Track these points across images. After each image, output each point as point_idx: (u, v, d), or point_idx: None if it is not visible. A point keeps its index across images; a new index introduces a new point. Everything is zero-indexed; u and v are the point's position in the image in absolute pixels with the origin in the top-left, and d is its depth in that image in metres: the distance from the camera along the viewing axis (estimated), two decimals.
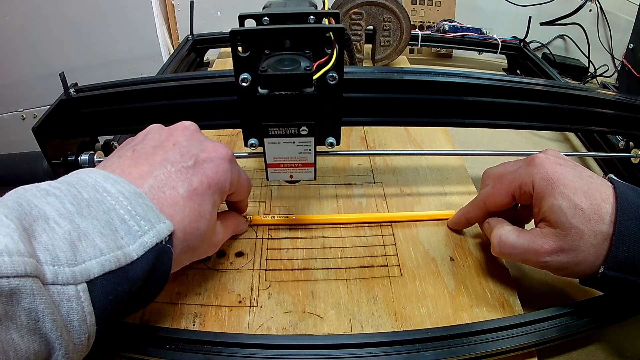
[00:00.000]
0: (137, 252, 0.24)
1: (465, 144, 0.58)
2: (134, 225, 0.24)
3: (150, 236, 0.24)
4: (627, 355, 0.34)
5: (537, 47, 0.86)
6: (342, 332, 0.32)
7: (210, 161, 0.29)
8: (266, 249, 0.38)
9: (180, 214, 0.27)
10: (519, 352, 0.31)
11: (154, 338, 0.29)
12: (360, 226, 0.41)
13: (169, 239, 0.26)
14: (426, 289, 0.36)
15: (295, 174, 0.32)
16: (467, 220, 0.39)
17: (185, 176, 0.28)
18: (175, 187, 0.27)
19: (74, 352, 0.21)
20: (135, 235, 0.24)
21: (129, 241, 0.24)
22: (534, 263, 0.31)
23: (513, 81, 0.41)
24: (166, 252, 0.25)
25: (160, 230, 0.25)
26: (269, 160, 0.31)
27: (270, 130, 0.28)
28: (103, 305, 0.22)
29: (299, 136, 0.29)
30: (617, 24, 0.82)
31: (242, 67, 0.28)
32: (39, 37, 0.83)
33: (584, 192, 0.30)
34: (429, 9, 0.84)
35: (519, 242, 0.32)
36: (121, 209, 0.24)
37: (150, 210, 0.25)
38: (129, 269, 0.23)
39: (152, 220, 0.25)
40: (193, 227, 0.28)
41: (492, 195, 0.35)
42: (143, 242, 0.24)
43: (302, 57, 0.27)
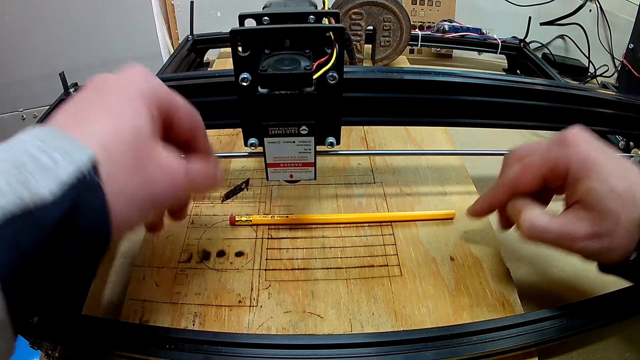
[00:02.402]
0: (52, 191, 0.19)
1: (465, 144, 0.58)
2: (47, 160, 0.19)
3: (66, 167, 0.19)
4: (627, 355, 0.34)
5: (537, 47, 0.86)
6: (342, 331, 0.32)
7: (120, 75, 0.25)
8: (266, 248, 0.38)
9: (98, 131, 0.22)
10: (519, 352, 0.31)
11: (154, 338, 0.29)
12: (360, 226, 0.41)
13: (94, 170, 0.20)
14: (426, 288, 0.36)
15: (295, 173, 0.32)
16: (491, 207, 0.36)
17: (95, 95, 0.23)
18: (87, 108, 0.23)
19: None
20: (49, 171, 0.19)
21: (41, 179, 0.19)
22: (567, 248, 0.30)
23: (513, 81, 0.41)
24: (93, 188, 0.20)
25: (79, 159, 0.20)
26: (269, 160, 0.31)
27: (270, 130, 0.28)
28: (6, 263, 0.17)
29: (299, 136, 0.29)
30: (617, 24, 0.82)
31: (242, 66, 0.28)
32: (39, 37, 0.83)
33: (619, 175, 0.29)
34: (429, 9, 0.84)
35: (552, 227, 0.30)
36: (32, 147, 0.19)
37: (64, 138, 0.20)
38: (40, 213, 0.18)
39: (67, 148, 0.20)
40: (119, 141, 0.22)
41: (522, 178, 0.33)
42: (58, 177, 0.19)
43: (302, 57, 0.27)
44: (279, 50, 0.28)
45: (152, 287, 0.35)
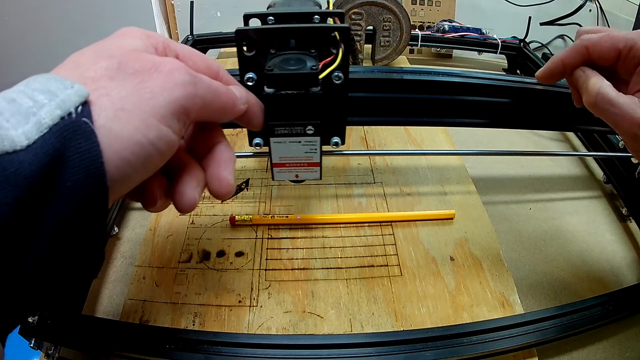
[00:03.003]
0: (28, 135, 0.15)
1: (465, 144, 0.58)
2: (26, 101, 0.16)
3: (49, 109, 0.16)
4: (627, 355, 0.34)
5: (537, 47, 0.86)
6: (342, 331, 0.32)
7: (158, 64, 0.20)
8: (266, 248, 0.38)
9: (98, 68, 0.18)
10: (519, 352, 0.31)
11: (154, 338, 0.29)
12: (360, 226, 0.41)
13: (84, 108, 0.16)
14: (426, 288, 0.36)
15: (300, 173, 0.32)
16: (563, 65, 0.34)
17: (116, 72, 0.19)
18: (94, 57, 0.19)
19: None
20: (27, 113, 0.15)
21: (15, 122, 0.15)
22: (624, 130, 0.29)
23: (513, 81, 0.41)
24: (82, 130, 0.16)
25: (66, 98, 0.16)
26: (275, 160, 0.30)
27: (276, 130, 0.28)
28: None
29: (305, 135, 0.29)
30: (617, 24, 0.82)
31: (248, 66, 0.28)
32: (39, 37, 0.83)
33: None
34: (429, 9, 0.84)
35: (619, 102, 0.29)
36: (12, 92, 0.16)
37: (51, 80, 0.17)
38: (11, 164, 0.14)
39: (53, 88, 0.16)
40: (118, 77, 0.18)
41: (599, 44, 0.32)
42: (38, 120, 0.15)
43: (307, 57, 0.27)
44: (285, 50, 0.28)
45: (152, 287, 0.35)
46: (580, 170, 0.56)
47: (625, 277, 0.41)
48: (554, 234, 0.45)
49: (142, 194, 0.21)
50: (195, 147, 0.23)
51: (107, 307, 0.35)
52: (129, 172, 0.18)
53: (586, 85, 0.31)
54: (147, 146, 0.18)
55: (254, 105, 0.25)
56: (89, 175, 0.16)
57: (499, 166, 0.53)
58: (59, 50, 0.83)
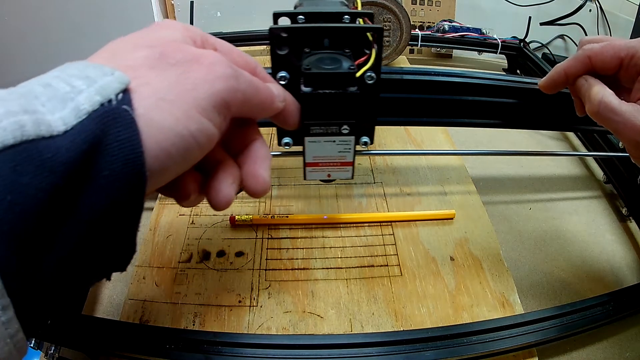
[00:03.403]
0: (66, 121, 0.14)
1: (465, 144, 0.58)
2: (62, 86, 0.15)
3: (88, 95, 0.15)
4: (627, 355, 0.34)
5: (537, 47, 0.86)
6: (342, 331, 0.32)
7: (200, 56, 0.20)
8: (266, 248, 0.38)
9: (137, 57, 0.18)
10: (519, 352, 0.31)
11: (154, 338, 0.29)
12: (360, 226, 0.41)
13: (125, 96, 0.16)
14: (426, 288, 0.36)
15: (333, 173, 0.32)
16: (566, 74, 0.34)
17: (155, 61, 0.18)
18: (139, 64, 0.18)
19: None
20: (64, 99, 0.15)
21: (52, 107, 0.14)
22: (627, 138, 0.29)
23: (513, 81, 0.41)
24: (122, 118, 0.15)
25: (106, 85, 0.16)
26: (308, 159, 0.30)
27: (312, 129, 0.28)
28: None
29: (340, 135, 0.28)
30: (617, 24, 0.82)
31: (280, 65, 0.28)
32: (39, 37, 0.83)
33: None
34: (429, 9, 0.84)
35: (622, 110, 0.29)
36: (47, 77, 0.16)
37: (89, 66, 0.16)
38: (48, 148, 0.14)
39: (92, 75, 0.16)
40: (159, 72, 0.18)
41: (601, 53, 0.32)
42: (77, 105, 0.15)
43: (342, 57, 0.27)
44: (318, 49, 0.28)
45: (152, 287, 0.35)
46: (580, 170, 0.56)
47: (625, 277, 0.41)
48: (554, 234, 0.45)
49: (175, 188, 0.21)
50: (230, 144, 0.23)
51: (107, 307, 0.35)
52: (168, 164, 0.17)
53: (589, 94, 0.31)
54: (188, 138, 0.17)
55: (291, 104, 0.24)
56: (127, 164, 0.15)
57: (499, 166, 0.53)
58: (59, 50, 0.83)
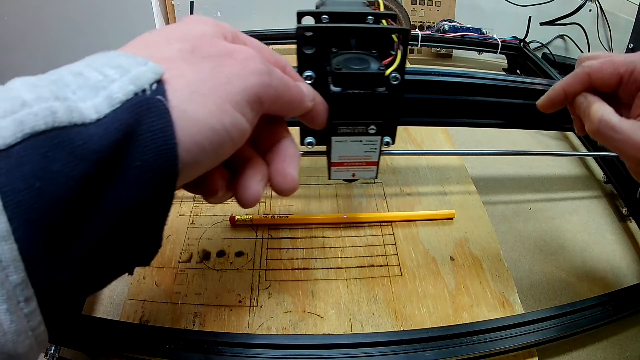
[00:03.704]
0: (98, 108, 0.14)
1: (465, 144, 0.58)
2: (94, 74, 0.15)
3: (121, 84, 0.15)
4: (627, 355, 0.34)
5: (537, 47, 0.86)
6: (342, 331, 0.32)
7: (234, 51, 0.20)
8: (266, 248, 0.38)
9: (172, 49, 0.18)
10: (519, 352, 0.31)
11: (154, 338, 0.29)
12: (360, 226, 0.41)
13: (159, 86, 0.16)
14: (426, 288, 0.36)
15: (357, 172, 0.32)
16: (565, 93, 0.33)
17: (188, 54, 0.18)
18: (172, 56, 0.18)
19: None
20: (96, 87, 0.15)
21: (83, 95, 0.14)
22: (629, 156, 0.28)
23: (513, 81, 0.41)
24: (156, 108, 0.15)
25: (140, 74, 0.15)
26: (334, 159, 0.30)
27: (340, 129, 0.28)
28: (26, 200, 0.12)
29: (367, 135, 0.29)
30: (617, 24, 0.82)
31: (307, 64, 0.28)
32: (39, 37, 0.82)
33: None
34: (429, 9, 0.84)
35: (623, 128, 0.28)
36: (77, 66, 0.16)
37: (121, 56, 0.16)
38: (79, 135, 0.13)
39: (124, 65, 0.16)
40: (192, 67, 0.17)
41: (601, 70, 0.31)
42: (109, 94, 0.14)
43: (370, 57, 0.27)
44: (345, 50, 0.28)
45: (152, 287, 0.35)
46: (580, 170, 0.56)
47: (625, 277, 0.41)
48: (554, 234, 0.45)
49: (203, 184, 0.21)
50: (259, 142, 0.22)
51: (107, 307, 0.35)
52: (200, 158, 0.17)
53: (588, 112, 0.30)
54: (221, 132, 0.17)
55: (319, 103, 0.24)
56: (160, 155, 0.15)
57: (499, 166, 0.53)
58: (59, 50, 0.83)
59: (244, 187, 0.21)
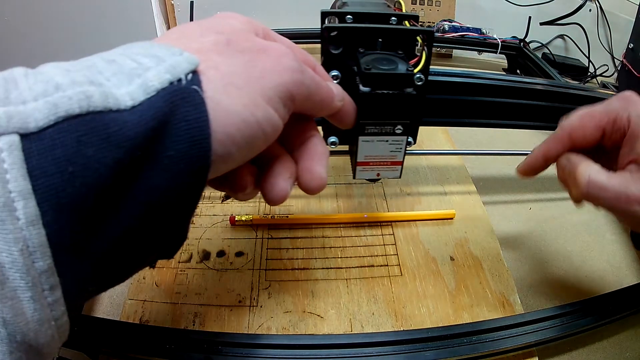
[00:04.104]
0: (133, 96, 0.14)
1: (465, 144, 0.58)
2: (129, 62, 0.15)
3: (157, 73, 0.15)
4: (627, 355, 0.34)
5: (537, 47, 0.86)
6: (342, 331, 0.32)
7: (268, 48, 0.20)
8: (266, 248, 0.38)
9: (206, 42, 0.18)
10: (519, 352, 0.31)
11: (154, 338, 0.29)
12: (360, 226, 0.41)
13: (194, 77, 0.15)
14: (426, 288, 0.36)
15: (382, 172, 0.32)
16: (545, 158, 0.32)
17: (224, 47, 0.19)
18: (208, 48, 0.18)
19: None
20: (131, 75, 0.14)
21: (117, 82, 0.14)
22: (622, 211, 0.26)
23: (513, 81, 0.41)
24: (192, 98, 0.15)
25: (175, 64, 0.15)
26: (360, 159, 0.30)
27: (367, 129, 0.28)
28: (57, 184, 0.12)
29: (393, 135, 0.29)
30: (617, 24, 0.82)
31: (333, 64, 0.28)
32: (39, 37, 0.82)
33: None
34: (429, 9, 0.84)
35: (611, 185, 0.26)
36: (111, 54, 0.16)
37: (155, 46, 0.16)
38: (112, 120, 0.13)
39: (159, 54, 0.16)
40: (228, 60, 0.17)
41: (582, 128, 0.30)
42: (145, 82, 0.14)
43: (396, 58, 0.28)
44: (372, 50, 0.28)
45: (152, 287, 0.35)
46: None
47: (625, 277, 0.41)
48: (554, 234, 0.45)
49: (231, 180, 0.21)
50: (288, 140, 0.22)
51: (107, 307, 0.35)
52: (232, 151, 0.17)
53: (574, 177, 0.28)
54: (254, 125, 0.17)
55: (348, 103, 0.24)
56: (194, 146, 0.15)
57: (499, 166, 0.53)
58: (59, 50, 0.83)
59: (272, 184, 0.21)
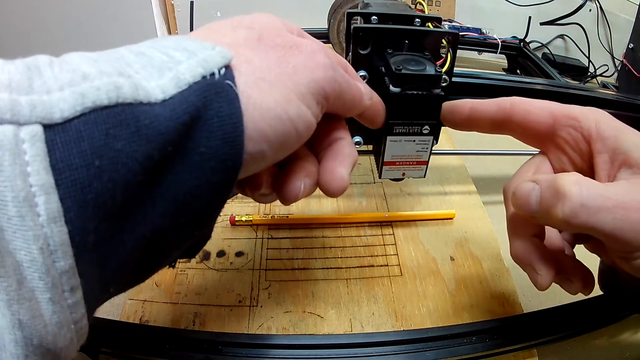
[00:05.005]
0: (164, 89, 0.13)
1: (465, 144, 0.58)
2: (159, 55, 0.14)
3: (189, 66, 0.14)
4: (627, 355, 0.34)
5: (537, 47, 0.86)
6: (342, 331, 0.32)
7: (302, 44, 0.20)
8: (266, 248, 0.38)
9: (237, 38, 0.17)
10: (519, 352, 0.31)
11: (154, 338, 0.29)
12: (360, 226, 0.41)
13: (227, 71, 0.15)
14: (426, 288, 0.36)
15: (408, 171, 0.32)
16: (472, 110, 0.28)
17: (256, 42, 0.18)
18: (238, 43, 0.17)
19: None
20: (162, 68, 0.14)
21: (147, 75, 0.14)
22: (628, 232, 0.19)
23: (513, 81, 0.41)
24: (225, 93, 0.14)
25: (208, 58, 0.15)
26: (387, 158, 0.31)
27: (396, 129, 0.28)
28: (82, 179, 0.11)
29: (420, 135, 0.29)
30: (617, 24, 0.82)
31: (360, 64, 0.28)
32: (39, 37, 0.83)
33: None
34: (429, 9, 0.84)
35: (610, 193, 0.19)
36: (141, 47, 0.15)
37: (186, 40, 0.16)
38: (143, 113, 0.13)
39: (190, 48, 0.15)
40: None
41: (529, 104, 0.26)
42: (176, 75, 0.14)
43: (424, 59, 0.28)
44: (399, 51, 0.29)
45: (152, 287, 0.35)
46: None
47: None
48: None
49: (246, 178, 0.19)
50: (316, 141, 0.22)
51: (107, 307, 0.35)
52: (264, 149, 0.16)
53: (554, 189, 0.20)
54: (286, 122, 0.16)
55: (378, 103, 0.24)
56: (226, 143, 0.14)
57: (499, 166, 0.53)
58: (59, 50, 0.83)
59: (285, 182, 0.20)
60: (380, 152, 0.30)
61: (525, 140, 0.28)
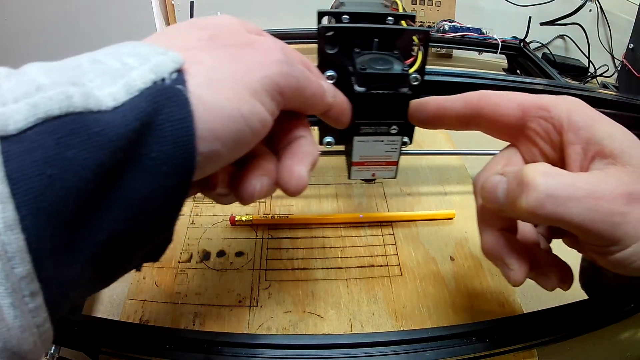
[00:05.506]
0: (116, 97, 0.14)
1: (465, 144, 0.58)
2: (113, 62, 0.15)
3: (141, 72, 0.14)
4: (627, 355, 0.34)
5: (537, 47, 0.86)
6: (342, 331, 0.32)
7: (255, 41, 0.20)
8: (266, 248, 0.38)
9: (191, 40, 0.18)
10: (519, 352, 0.31)
11: (154, 338, 0.29)
12: (360, 226, 0.41)
13: (179, 76, 0.15)
14: (426, 288, 0.36)
15: (377, 172, 0.32)
16: (438, 107, 0.26)
17: (208, 42, 0.19)
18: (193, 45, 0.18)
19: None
20: (115, 75, 0.14)
21: (100, 83, 0.14)
22: (600, 222, 0.18)
23: (513, 81, 0.41)
24: (175, 97, 0.15)
25: (160, 63, 0.15)
26: (355, 159, 0.30)
27: (362, 129, 0.28)
28: (36, 188, 0.12)
29: (388, 135, 0.29)
30: (617, 24, 0.82)
31: (328, 64, 0.28)
32: (39, 37, 0.82)
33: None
34: (429, 9, 0.84)
35: (582, 182, 0.18)
36: (97, 54, 0.15)
37: (140, 45, 0.16)
38: (96, 123, 0.13)
39: (144, 54, 0.15)
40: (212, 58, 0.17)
41: (497, 96, 0.24)
42: (128, 82, 0.14)
43: (392, 58, 0.28)
44: (368, 50, 0.28)
45: (152, 287, 0.35)
46: None
47: None
48: None
49: (202, 178, 0.19)
50: (275, 139, 0.22)
51: (107, 307, 0.35)
52: (217, 148, 0.16)
53: (519, 179, 0.19)
54: (239, 119, 0.16)
55: (343, 102, 0.24)
56: (177, 146, 0.14)
57: None
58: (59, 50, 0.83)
59: (241, 181, 0.20)
60: (349, 152, 0.30)
61: (495, 134, 0.26)
